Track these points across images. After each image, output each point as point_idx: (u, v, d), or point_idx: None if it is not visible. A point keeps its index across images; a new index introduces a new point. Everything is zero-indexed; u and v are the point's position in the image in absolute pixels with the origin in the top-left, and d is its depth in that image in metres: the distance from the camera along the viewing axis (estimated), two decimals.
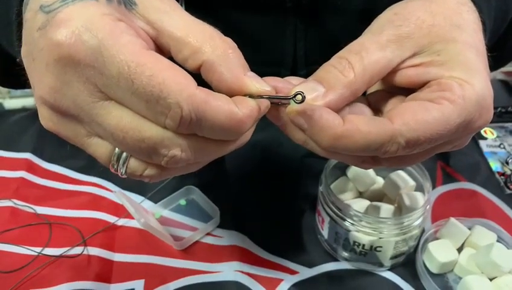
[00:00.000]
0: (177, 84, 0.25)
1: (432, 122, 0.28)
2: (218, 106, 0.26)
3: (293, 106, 0.29)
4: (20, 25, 0.30)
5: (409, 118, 0.28)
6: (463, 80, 0.29)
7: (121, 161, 0.28)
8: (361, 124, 0.28)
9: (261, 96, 0.28)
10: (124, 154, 0.28)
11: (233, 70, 0.27)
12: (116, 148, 0.28)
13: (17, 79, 0.31)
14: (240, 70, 0.28)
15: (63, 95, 0.26)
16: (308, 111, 0.28)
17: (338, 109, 0.30)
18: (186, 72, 0.26)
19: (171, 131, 0.26)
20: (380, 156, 0.29)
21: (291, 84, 0.30)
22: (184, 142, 0.27)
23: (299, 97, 0.29)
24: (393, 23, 0.31)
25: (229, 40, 0.28)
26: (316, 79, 0.30)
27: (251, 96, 0.28)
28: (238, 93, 0.28)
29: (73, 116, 0.27)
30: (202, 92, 0.25)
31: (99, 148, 0.28)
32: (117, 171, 0.29)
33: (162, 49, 0.28)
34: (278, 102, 0.30)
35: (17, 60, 0.30)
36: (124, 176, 0.29)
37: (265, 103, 0.29)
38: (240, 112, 0.26)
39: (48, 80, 0.26)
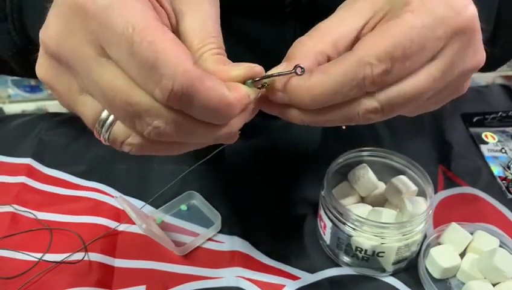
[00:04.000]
0: (175, 57, 0.25)
1: (395, 33, 0.28)
2: (211, 86, 0.26)
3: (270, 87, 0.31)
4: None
5: (369, 39, 0.29)
6: None
7: (106, 126, 0.29)
8: (328, 67, 0.29)
9: (262, 78, 0.30)
10: (109, 120, 0.29)
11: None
12: (103, 113, 0.29)
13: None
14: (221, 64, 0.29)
15: (66, 42, 0.27)
16: (280, 84, 0.31)
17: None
18: (187, 50, 0.26)
19: (160, 103, 0.26)
20: (366, 88, 0.29)
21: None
22: (170, 116, 0.27)
23: (299, 69, 0.29)
24: None
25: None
26: (286, 60, 0.32)
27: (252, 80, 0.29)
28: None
29: (70, 68, 0.28)
30: (198, 70, 0.26)
31: (88, 107, 0.29)
32: (100, 136, 0.30)
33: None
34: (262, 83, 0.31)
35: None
36: (107, 143, 0.30)
37: (255, 93, 0.30)
38: (231, 95, 0.27)
39: (55, 25, 0.27)
